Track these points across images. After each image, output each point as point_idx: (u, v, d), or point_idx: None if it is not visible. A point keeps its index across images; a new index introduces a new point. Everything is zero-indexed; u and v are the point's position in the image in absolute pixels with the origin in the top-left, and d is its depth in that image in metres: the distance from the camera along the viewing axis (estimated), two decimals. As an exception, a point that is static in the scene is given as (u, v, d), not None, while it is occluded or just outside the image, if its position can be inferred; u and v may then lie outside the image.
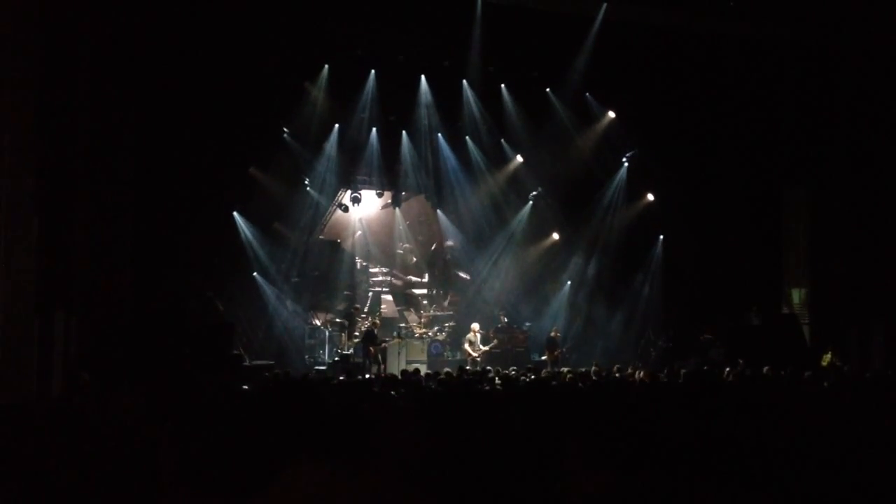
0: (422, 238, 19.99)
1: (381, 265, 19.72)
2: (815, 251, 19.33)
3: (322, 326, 17.96)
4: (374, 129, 17.95)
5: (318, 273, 18.32)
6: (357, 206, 18.78)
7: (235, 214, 16.94)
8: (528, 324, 18.80)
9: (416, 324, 18.84)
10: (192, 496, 1.79)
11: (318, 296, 18.46)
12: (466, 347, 16.83)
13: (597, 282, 19.29)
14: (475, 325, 17.14)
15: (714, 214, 18.46)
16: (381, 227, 19.67)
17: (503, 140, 18.80)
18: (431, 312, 19.37)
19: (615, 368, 13.44)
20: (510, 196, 19.30)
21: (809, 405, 5.31)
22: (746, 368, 12.63)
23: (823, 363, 15.31)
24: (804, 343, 17.59)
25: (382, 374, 14.50)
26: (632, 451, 2.35)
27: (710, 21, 17.71)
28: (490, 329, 17.86)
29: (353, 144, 18.03)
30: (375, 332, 16.44)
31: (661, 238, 19.24)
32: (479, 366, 15.48)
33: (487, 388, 8.66)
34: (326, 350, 17.57)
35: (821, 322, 18.62)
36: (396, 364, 16.03)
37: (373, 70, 17.41)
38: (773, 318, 18.39)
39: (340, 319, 18.17)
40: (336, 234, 19.06)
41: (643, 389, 8.05)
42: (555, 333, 17.59)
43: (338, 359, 16.74)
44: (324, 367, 16.38)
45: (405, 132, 18.39)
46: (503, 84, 18.41)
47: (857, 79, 17.91)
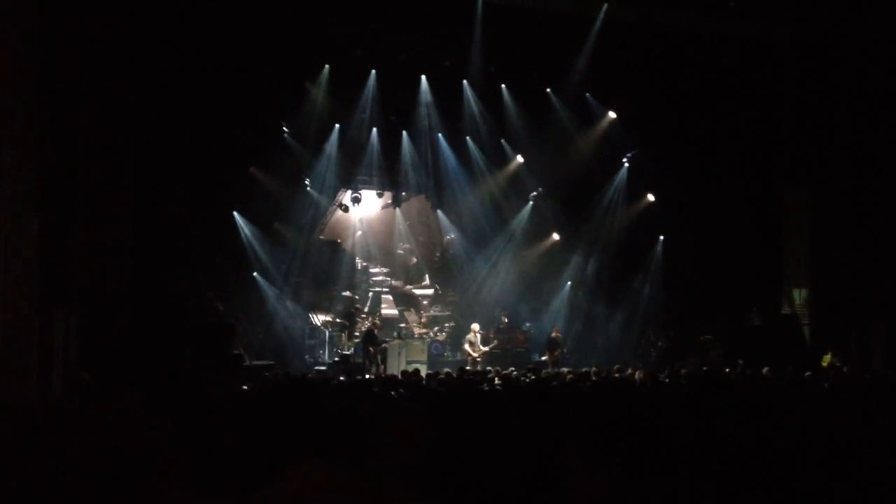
0: (422, 238, 19.98)
1: (382, 265, 19.71)
2: (816, 251, 19.29)
3: (322, 326, 17.96)
4: (375, 129, 17.94)
5: (318, 273, 18.32)
6: (357, 207, 18.76)
7: (235, 214, 16.93)
8: (529, 324, 18.79)
9: (416, 324, 18.84)
10: (193, 496, 1.79)
11: (319, 296, 18.46)
12: (466, 348, 16.82)
13: (597, 282, 19.28)
14: (475, 326, 17.14)
15: (714, 215, 18.42)
16: (382, 228, 19.65)
17: (503, 140, 18.78)
18: (431, 312, 19.36)
19: (615, 369, 13.44)
20: (510, 196, 19.27)
21: (810, 406, 5.31)
22: (746, 369, 12.65)
23: (823, 364, 15.30)
24: (804, 344, 17.59)
25: (382, 375, 14.50)
26: (632, 452, 2.35)
27: (710, 21, 17.72)
28: (490, 329, 17.85)
29: (354, 144, 18.02)
30: (375, 333, 16.44)
31: (662, 238, 19.23)
32: (480, 366, 15.49)
33: (487, 389, 8.66)
34: (326, 350, 17.57)
35: (821, 323, 18.60)
36: (396, 364, 16.01)
37: (373, 70, 17.40)
38: (774, 319, 18.39)
39: (340, 319, 18.17)
40: (336, 235, 19.04)
41: (643, 390, 8.06)
42: (555, 334, 17.59)
43: (338, 359, 16.74)
44: (324, 368, 16.39)
45: (405, 132, 18.38)
46: (503, 84, 18.39)
47: (857, 79, 17.88)
